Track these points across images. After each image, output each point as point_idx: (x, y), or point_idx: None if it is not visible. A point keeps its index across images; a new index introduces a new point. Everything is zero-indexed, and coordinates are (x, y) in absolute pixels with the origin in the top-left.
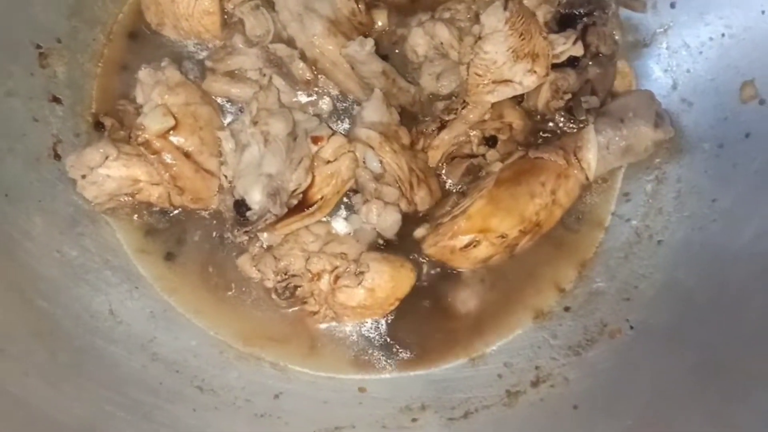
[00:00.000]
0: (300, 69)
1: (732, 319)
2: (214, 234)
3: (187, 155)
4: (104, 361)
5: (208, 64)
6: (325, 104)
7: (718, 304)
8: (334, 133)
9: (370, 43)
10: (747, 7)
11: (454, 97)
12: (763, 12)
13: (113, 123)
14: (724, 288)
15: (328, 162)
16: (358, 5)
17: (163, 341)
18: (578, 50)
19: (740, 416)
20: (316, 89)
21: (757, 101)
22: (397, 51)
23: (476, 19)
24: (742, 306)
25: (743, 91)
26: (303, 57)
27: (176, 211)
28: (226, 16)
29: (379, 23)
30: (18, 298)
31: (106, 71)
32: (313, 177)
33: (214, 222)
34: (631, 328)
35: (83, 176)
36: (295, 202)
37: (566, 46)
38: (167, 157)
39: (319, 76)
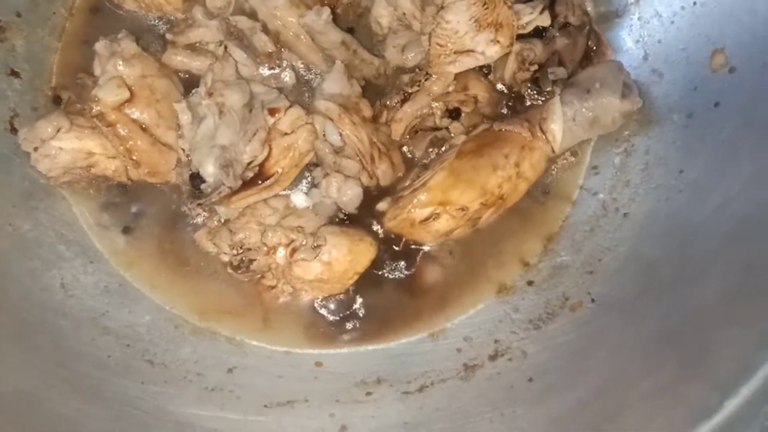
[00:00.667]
0: (262, 42)
1: (693, 289)
2: (173, 208)
3: (143, 128)
4: (51, 334)
5: (168, 37)
6: (288, 77)
7: (680, 276)
8: (291, 105)
9: (326, 11)
10: None
11: (418, 70)
12: None
13: (70, 96)
14: (686, 259)
15: (286, 134)
16: None
17: (115, 315)
18: (545, 20)
19: (696, 389)
20: (278, 62)
21: (727, 69)
22: (362, 24)
23: None
24: (704, 276)
25: (713, 59)
26: (265, 29)
27: (134, 185)
28: None
29: None
30: None
31: (67, 45)
32: (270, 149)
33: (173, 196)
34: (593, 301)
35: (35, 149)
36: (250, 174)
37: (533, 15)
38: (122, 130)
39: (282, 49)
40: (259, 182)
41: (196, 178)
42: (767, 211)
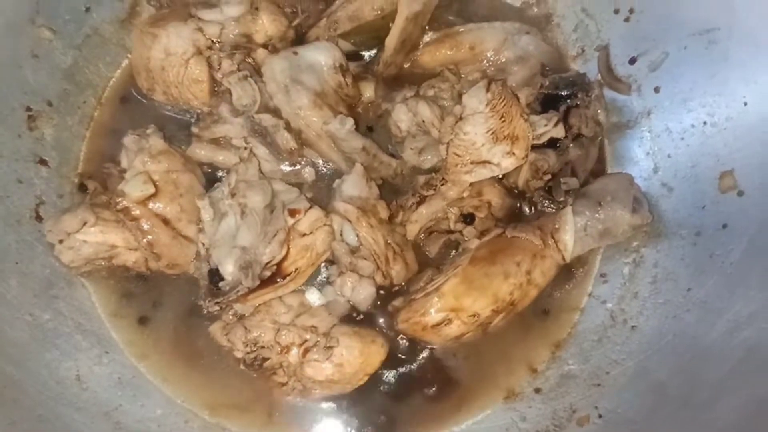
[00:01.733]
0: (285, 139)
1: (702, 418)
2: (189, 300)
3: (165, 222)
4: (66, 429)
5: (194, 130)
6: (308, 173)
7: (689, 400)
8: (311, 206)
9: (350, 122)
10: (730, 97)
11: (434, 173)
12: (745, 103)
13: (96, 186)
14: (696, 383)
15: (304, 235)
16: (345, 79)
17: (127, 409)
18: (559, 132)
19: None
20: (300, 158)
21: (736, 192)
22: (381, 124)
23: (459, 98)
24: (714, 405)
25: (722, 180)
26: (288, 127)
27: (153, 276)
28: (215, 85)
29: (366, 95)
30: None
31: (95, 134)
32: (288, 249)
33: (190, 288)
34: (600, 416)
35: (60, 241)
36: (268, 273)
37: (548, 127)
38: (146, 224)
39: (303, 146)
40: (277, 281)
41: (215, 275)
42: None
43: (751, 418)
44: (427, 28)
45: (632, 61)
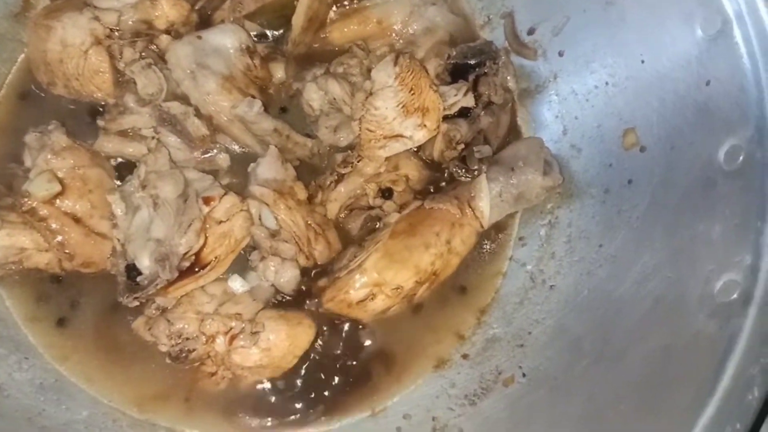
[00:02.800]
0: (195, 126)
1: (614, 370)
2: (108, 297)
3: (76, 220)
4: None
5: (100, 123)
6: (223, 159)
7: (602, 354)
8: (226, 192)
9: (257, 104)
10: (628, 57)
11: (350, 151)
12: (642, 62)
13: (0, 189)
14: (608, 336)
15: (221, 222)
16: (253, 61)
17: (52, 413)
18: (469, 101)
19: None
20: (213, 145)
21: (638, 149)
22: (294, 104)
23: (368, 74)
24: (624, 357)
25: (625, 138)
26: (198, 113)
27: (68, 276)
28: (118, 75)
29: (277, 76)
30: None
31: None
32: (206, 238)
33: (108, 285)
34: (524, 375)
35: None
36: (186, 264)
37: (457, 97)
38: (55, 224)
39: (216, 132)
40: (196, 271)
41: (132, 270)
42: (680, 291)
43: (657, 366)
44: (333, 4)
45: (530, 32)
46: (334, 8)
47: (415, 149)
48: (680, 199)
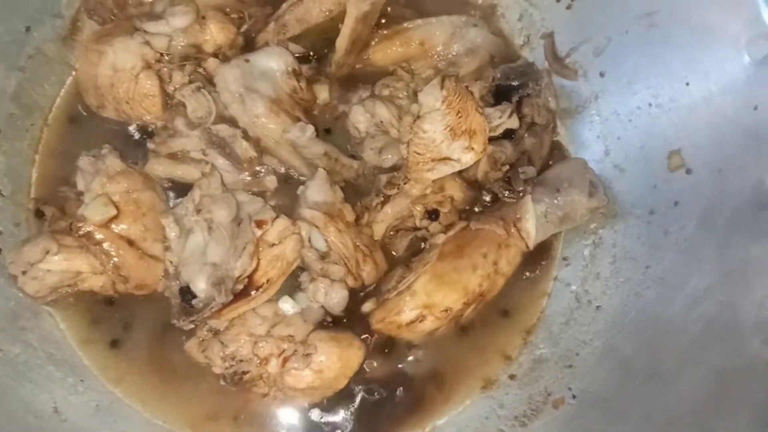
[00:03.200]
0: (243, 148)
1: (667, 391)
2: (160, 318)
3: (130, 243)
4: None
5: (150, 146)
6: (270, 181)
7: (654, 375)
8: (277, 215)
9: (310, 129)
10: (672, 78)
11: (396, 172)
12: (687, 84)
13: (54, 212)
14: (659, 357)
15: (273, 245)
16: (299, 83)
17: None
18: (514, 123)
19: None
20: (260, 167)
21: (684, 170)
22: (338, 125)
23: (414, 96)
24: (677, 378)
25: (671, 160)
26: (246, 136)
27: (121, 298)
28: (167, 98)
29: (321, 97)
30: None
31: (46, 156)
32: (258, 260)
33: (160, 307)
34: (574, 397)
35: (24, 272)
36: (240, 287)
37: (502, 119)
38: (110, 247)
39: (263, 154)
40: (249, 293)
41: (186, 293)
42: (733, 315)
43: (711, 389)
44: (376, 26)
45: (569, 53)
46: (377, 30)
47: (459, 171)
48: (730, 221)
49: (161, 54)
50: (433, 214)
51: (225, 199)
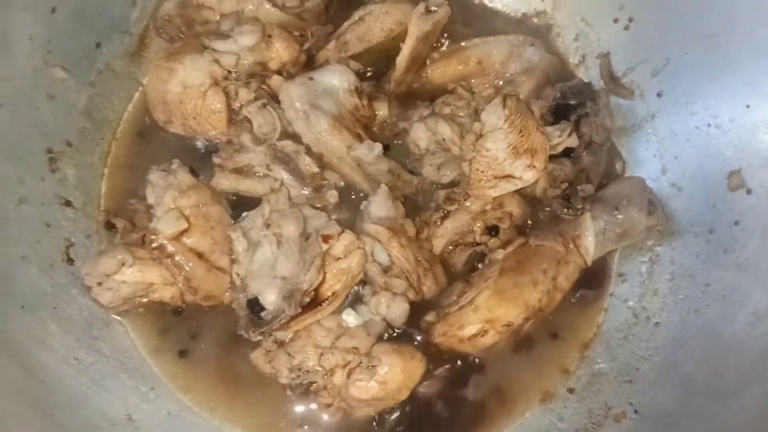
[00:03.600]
0: (306, 163)
1: (730, 408)
2: (227, 329)
3: (200, 255)
4: None
5: (216, 161)
6: (332, 196)
7: (717, 392)
8: (343, 230)
9: (378, 147)
10: (732, 100)
11: (455, 188)
12: (747, 106)
13: (125, 225)
14: (722, 374)
15: (339, 259)
16: (360, 100)
17: None
18: (573, 141)
19: None
20: (323, 181)
21: (745, 191)
22: (397, 141)
23: (476, 115)
24: (740, 395)
25: (730, 180)
26: (309, 152)
27: (188, 308)
28: (232, 113)
29: (380, 114)
30: (39, 414)
31: (114, 169)
32: (324, 274)
33: (226, 317)
34: (635, 411)
35: (99, 283)
36: (308, 300)
37: (562, 138)
38: (181, 259)
39: (325, 169)
40: (315, 306)
41: (255, 305)
42: None
43: None
44: (435, 45)
45: (623, 75)
46: (436, 48)
47: None
48: None
49: (228, 71)
50: (493, 230)
51: (293, 214)
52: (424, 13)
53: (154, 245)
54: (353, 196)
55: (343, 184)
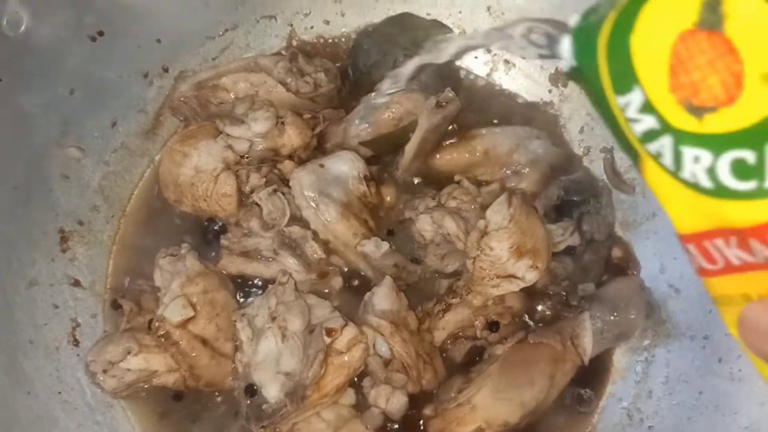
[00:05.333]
0: (313, 249)
1: None
2: (226, 414)
3: (204, 342)
4: None
5: (224, 243)
6: (336, 282)
7: None
8: (346, 323)
9: (385, 246)
10: None
11: (457, 280)
12: None
13: (132, 307)
14: None
15: (341, 353)
16: (369, 188)
17: None
18: (575, 240)
19: None
20: (327, 267)
21: None
22: (401, 228)
23: (481, 211)
24: None
25: None
26: (315, 237)
27: (190, 393)
28: (242, 196)
29: (387, 199)
30: None
31: (122, 248)
32: (325, 367)
33: (226, 402)
34: None
35: (104, 371)
36: (309, 393)
37: (564, 236)
38: (186, 347)
39: (330, 255)
40: (316, 400)
41: (251, 391)
42: None
43: None
44: (444, 135)
45: (625, 171)
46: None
47: None
48: None
49: (241, 156)
50: (494, 326)
51: (299, 307)
52: (434, 107)
53: (160, 333)
54: (356, 283)
55: (347, 269)
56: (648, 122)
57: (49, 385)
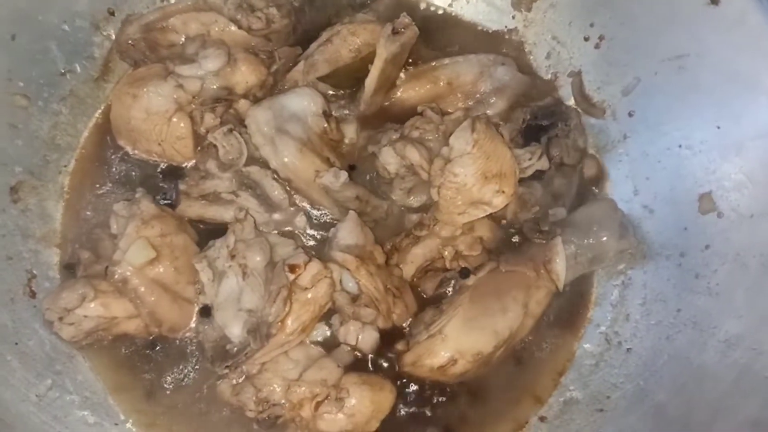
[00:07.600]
0: (274, 189)
1: None
2: (192, 361)
3: (164, 287)
4: None
5: (182, 188)
6: (300, 221)
7: (689, 422)
8: (310, 259)
9: (343, 175)
10: (703, 121)
11: (425, 213)
12: (718, 127)
13: (89, 255)
14: (694, 404)
15: (306, 289)
16: (329, 124)
17: None
18: (544, 164)
19: None
20: (290, 207)
21: (716, 214)
22: (363, 162)
23: (445, 138)
24: (713, 425)
25: (701, 202)
26: (276, 177)
27: (153, 341)
28: (197, 139)
29: (349, 136)
30: None
31: (76, 197)
32: (291, 305)
33: (192, 349)
34: None
35: (60, 318)
36: (274, 332)
37: (532, 161)
38: (145, 292)
39: (293, 194)
40: (282, 338)
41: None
42: (766, 363)
43: None
44: (404, 66)
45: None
46: (405, 68)
47: None
48: (763, 266)
49: (193, 96)
50: (463, 272)
51: (259, 244)
52: (391, 34)
53: (116, 278)
54: (323, 220)
55: (310, 208)
56: None
57: (4, 335)
